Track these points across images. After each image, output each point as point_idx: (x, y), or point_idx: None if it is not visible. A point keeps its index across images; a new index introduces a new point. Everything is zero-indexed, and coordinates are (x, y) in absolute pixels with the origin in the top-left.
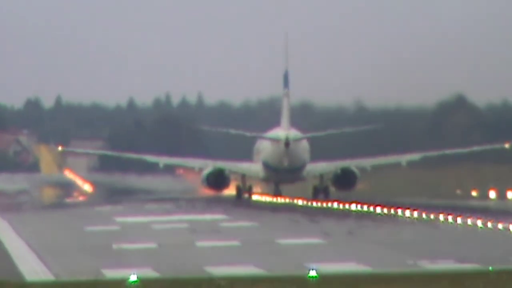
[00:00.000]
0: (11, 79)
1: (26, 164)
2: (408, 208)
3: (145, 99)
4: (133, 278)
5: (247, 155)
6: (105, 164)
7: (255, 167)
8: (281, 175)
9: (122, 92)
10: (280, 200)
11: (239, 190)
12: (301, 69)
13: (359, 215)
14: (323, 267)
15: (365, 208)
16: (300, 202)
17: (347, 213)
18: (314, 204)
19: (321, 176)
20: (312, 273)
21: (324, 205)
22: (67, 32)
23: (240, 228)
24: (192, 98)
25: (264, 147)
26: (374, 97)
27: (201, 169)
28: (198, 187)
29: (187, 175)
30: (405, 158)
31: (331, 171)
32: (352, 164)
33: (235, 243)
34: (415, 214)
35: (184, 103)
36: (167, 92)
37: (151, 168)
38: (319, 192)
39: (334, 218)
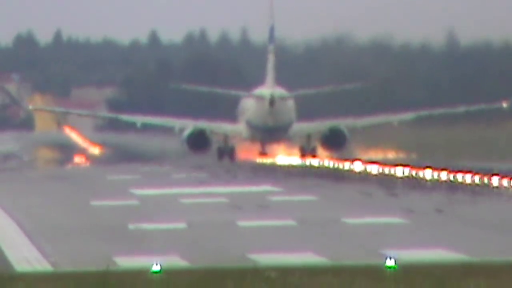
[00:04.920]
0: None
1: (16, 120)
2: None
3: (171, 35)
4: (155, 268)
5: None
6: (118, 121)
7: (238, 127)
8: (266, 134)
9: (142, 27)
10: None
11: (220, 152)
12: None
13: (450, 186)
14: (404, 255)
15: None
16: (373, 168)
17: (435, 184)
18: (393, 171)
19: (309, 136)
20: (390, 262)
21: (405, 172)
22: None
23: (296, 203)
24: (234, 35)
25: (249, 106)
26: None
27: (181, 130)
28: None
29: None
30: (397, 118)
31: (319, 131)
32: (342, 123)
33: (289, 222)
34: None
35: (224, 40)
36: (202, 26)
37: None
38: (306, 153)
39: (419, 190)
